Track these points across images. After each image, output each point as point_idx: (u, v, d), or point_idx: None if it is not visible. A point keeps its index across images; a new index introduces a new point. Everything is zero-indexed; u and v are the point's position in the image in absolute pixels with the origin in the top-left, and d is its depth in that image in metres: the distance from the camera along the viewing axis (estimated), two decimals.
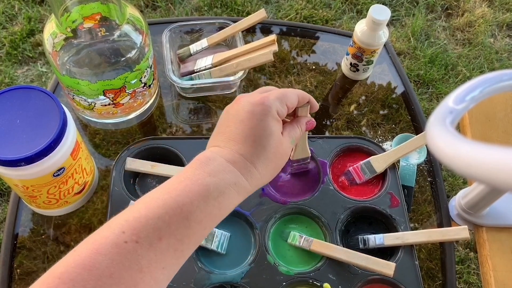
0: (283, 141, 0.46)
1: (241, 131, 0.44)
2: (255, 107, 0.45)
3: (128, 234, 0.35)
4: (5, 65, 1.49)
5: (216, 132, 0.46)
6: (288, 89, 0.49)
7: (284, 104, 0.47)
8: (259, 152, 0.43)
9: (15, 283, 0.60)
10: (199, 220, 0.38)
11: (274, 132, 0.45)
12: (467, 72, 1.61)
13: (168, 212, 0.37)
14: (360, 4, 1.73)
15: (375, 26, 0.70)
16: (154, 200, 0.38)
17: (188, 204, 0.38)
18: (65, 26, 0.58)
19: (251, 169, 0.43)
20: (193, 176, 0.40)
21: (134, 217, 0.37)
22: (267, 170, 0.45)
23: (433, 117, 0.34)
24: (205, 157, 0.42)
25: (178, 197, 0.38)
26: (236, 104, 0.46)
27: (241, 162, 0.43)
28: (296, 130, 0.50)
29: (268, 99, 0.45)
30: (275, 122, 0.45)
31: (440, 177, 0.71)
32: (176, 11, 1.65)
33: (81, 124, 0.73)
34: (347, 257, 0.58)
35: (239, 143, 0.43)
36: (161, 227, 0.36)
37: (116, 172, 0.63)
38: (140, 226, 0.36)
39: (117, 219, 0.37)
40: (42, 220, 0.64)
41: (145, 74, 0.65)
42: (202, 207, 0.39)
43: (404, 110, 0.79)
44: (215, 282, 0.56)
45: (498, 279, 0.61)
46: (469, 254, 1.28)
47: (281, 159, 0.46)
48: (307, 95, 0.51)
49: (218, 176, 0.41)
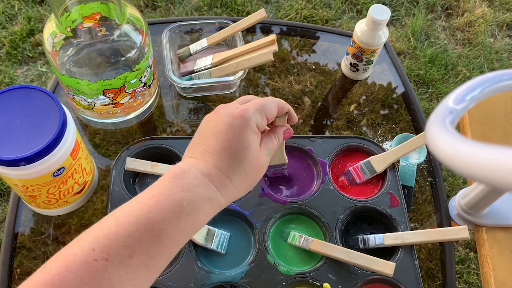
0: (260, 154, 0.45)
1: (218, 144, 0.43)
2: (233, 120, 0.44)
3: (98, 251, 0.35)
4: (5, 65, 1.49)
5: (193, 141, 0.46)
6: (268, 99, 0.48)
7: (264, 116, 0.46)
8: (235, 166, 0.43)
9: (15, 283, 0.60)
10: (171, 236, 0.38)
11: (251, 145, 0.44)
12: (467, 72, 1.61)
13: (139, 229, 0.36)
14: (360, 4, 1.73)
15: (375, 26, 0.70)
16: (125, 216, 0.37)
17: (160, 222, 0.37)
18: (65, 26, 0.58)
19: (226, 183, 0.42)
20: (166, 190, 0.39)
21: (104, 234, 0.36)
22: (243, 184, 0.44)
23: (433, 117, 0.34)
24: (179, 170, 0.41)
25: (149, 214, 0.37)
26: (216, 115, 0.46)
27: (216, 176, 0.42)
28: (273, 141, 0.49)
29: (248, 112, 0.45)
30: (253, 135, 0.45)
31: (440, 177, 0.71)
32: (176, 11, 1.65)
33: (81, 124, 0.73)
34: (347, 257, 0.58)
35: (215, 155, 0.43)
36: (132, 245, 0.36)
37: (116, 172, 0.63)
38: (110, 244, 0.35)
39: (87, 234, 0.37)
40: (42, 220, 0.64)
41: (145, 74, 0.65)
42: (174, 224, 0.38)
43: (404, 110, 0.79)
44: (215, 282, 0.56)
45: (498, 279, 0.61)
46: (469, 254, 1.28)
47: (258, 173, 0.46)
48: (286, 105, 0.51)
49: (192, 191, 0.40)
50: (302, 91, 0.79)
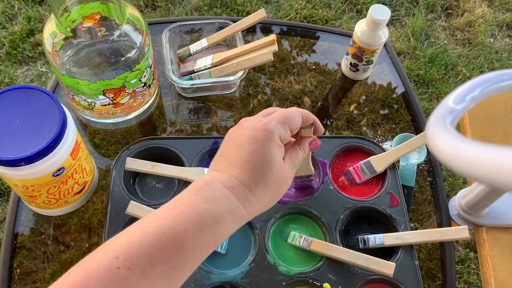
0: (283, 168, 0.45)
1: (241, 156, 0.43)
2: (257, 133, 0.44)
3: (121, 260, 0.35)
4: (5, 65, 1.49)
5: (218, 155, 0.46)
6: (291, 109, 0.48)
7: (287, 128, 0.46)
8: (258, 179, 0.43)
9: (15, 283, 0.60)
10: (193, 248, 0.38)
11: (275, 159, 0.44)
12: (467, 72, 1.61)
13: (162, 239, 0.37)
14: (360, 4, 1.73)
15: (375, 26, 0.70)
16: (149, 226, 0.38)
17: (182, 232, 0.37)
18: (65, 26, 0.58)
19: (249, 196, 0.42)
20: (189, 202, 0.40)
21: (128, 243, 0.36)
22: (266, 197, 0.44)
23: (433, 117, 0.34)
24: (203, 182, 0.41)
25: (172, 224, 0.38)
26: (239, 128, 0.46)
27: (239, 189, 0.42)
28: (298, 153, 0.49)
29: (271, 125, 0.44)
30: (276, 148, 0.44)
31: (440, 177, 0.71)
32: (176, 11, 1.65)
33: (81, 124, 0.73)
34: (347, 257, 0.58)
35: (238, 168, 0.43)
36: (155, 254, 0.36)
37: (116, 172, 0.63)
38: (134, 252, 0.36)
39: (112, 243, 0.37)
40: (42, 220, 0.64)
41: (145, 74, 0.65)
42: (197, 235, 0.38)
43: (404, 110, 0.79)
44: (215, 282, 0.56)
45: (498, 279, 0.61)
46: (469, 254, 1.28)
47: (281, 187, 0.45)
48: (311, 115, 0.50)
49: (214, 203, 0.40)
50: (302, 91, 0.79)
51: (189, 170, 0.64)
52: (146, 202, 0.61)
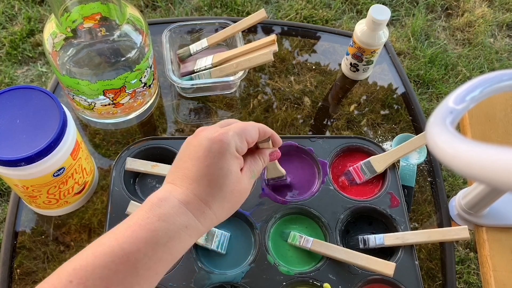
0: (241, 179, 0.45)
1: (197, 169, 0.43)
2: (213, 144, 0.43)
3: (75, 283, 0.35)
4: (5, 65, 1.49)
5: (174, 165, 0.45)
6: (249, 123, 0.48)
7: (244, 140, 0.46)
8: (214, 193, 0.42)
9: (15, 283, 0.60)
10: (148, 267, 0.38)
11: (231, 171, 0.44)
12: (467, 72, 1.61)
13: (115, 260, 0.36)
14: (360, 4, 1.73)
15: (375, 26, 0.70)
16: (102, 247, 0.37)
17: (135, 252, 0.37)
18: (65, 26, 0.58)
19: (205, 210, 0.42)
20: (142, 220, 0.39)
21: (81, 265, 0.36)
22: (223, 210, 0.44)
23: (433, 117, 0.34)
24: (157, 199, 0.41)
25: (124, 244, 0.37)
26: (195, 138, 0.45)
27: (195, 203, 0.42)
28: (257, 163, 0.49)
29: (227, 136, 0.44)
30: (233, 160, 0.44)
31: (440, 177, 0.71)
32: (176, 11, 1.65)
33: (81, 124, 0.73)
34: (347, 257, 0.58)
35: (194, 182, 0.42)
36: (108, 276, 0.36)
37: (116, 172, 0.63)
38: (87, 275, 0.35)
39: (67, 266, 0.37)
40: (42, 220, 0.64)
41: (145, 74, 0.65)
42: (150, 254, 0.38)
43: (404, 110, 0.79)
44: (215, 282, 0.56)
45: (498, 279, 0.61)
46: (469, 254, 1.28)
47: (239, 198, 0.45)
48: (269, 130, 0.50)
49: (168, 221, 0.40)
50: (302, 91, 0.79)
51: None
52: None
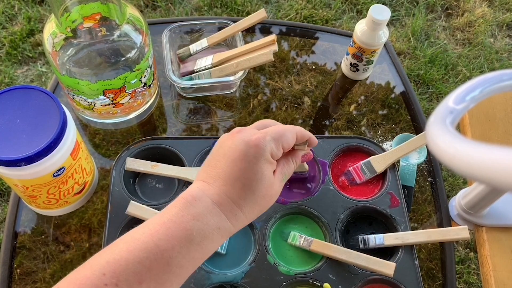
0: (273, 183, 0.45)
1: (231, 171, 0.43)
2: (249, 148, 0.43)
3: (108, 276, 0.35)
4: (5, 65, 1.49)
5: (207, 163, 0.45)
6: (287, 127, 0.47)
7: (280, 146, 0.46)
8: (247, 196, 0.43)
9: (15, 283, 0.60)
10: (181, 265, 0.38)
11: (265, 176, 0.44)
12: (467, 72, 1.61)
13: (149, 256, 0.37)
14: (360, 4, 1.73)
15: (375, 26, 0.70)
16: (136, 242, 0.38)
17: (169, 250, 0.38)
18: (65, 26, 0.58)
19: (237, 212, 0.42)
20: (176, 218, 0.40)
21: (115, 259, 0.36)
22: (253, 212, 0.44)
23: (433, 117, 0.34)
24: (191, 197, 0.41)
25: (159, 241, 0.38)
26: (231, 139, 0.45)
27: (227, 205, 0.42)
28: (290, 165, 0.49)
29: (264, 141, 0.44)
30: (267, 166, 0.44)
31: (440, 177, 0.71)
32: (176, 11, 1.65)
33: (81, 124, 0.73)
34: (347, 257, 0.58)
35: (228, 184, 0.43)
36: (141, 271, 0.36)
37: (116, 172, 0.63)
38: (120, 269, 0.36)
39: (99, 258, 0.37)
40: (42, 220, 0.64)
41: (145, 74, 0.65)
42: (184, 253, 0.38)
43: (404, 110, 0.79)
44: (215, 282, 0.56)
45: (498, 279, 0.61)
46: (469, 254, 1.28)
47: (269, 201, 0.46)
48: (306, 133, 0.50)
49: (202, 220, 0.40)
50: (302, 91, 0.79)
51: (189, 170, 0.64)
52: (146, 202, 0.61)
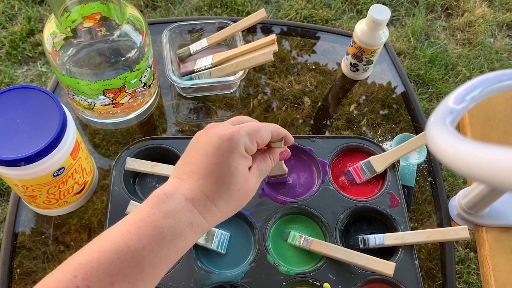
0: (248, 178, 0.45)
1: (205, 166, 0.43)
2: (222, 142, 0.43)
3: (80, 278, 0.35)
4: (5, 65, 1.49)
5: (182, 159, 0.45)
6: (262, 125, 0.47)
7: (254, 141, 0.45)
8: (221, 190, 0.43)
9: (15, 283, 0.60)
10: (153, 264, 0.38)
11: (239, 170, 0.44)
12: (467, 72, 1.61)
13: (120, 257, 0.37)
14: (360, 4, 1.73)
15: (375, 26, 0.70)
16: (107, 243, 0.38)
17: (140, 249, 0.38)
18: (65, 26, 0.58)
19: (210, 207, 0.42)
20: (147, 217, 0.39)
21: (86, 261, 0.36)
22: (229, 208, 0.44)
23: (433, 117, 0.34)
24: (163, 194, 0.41)
25: (130, 241, 0.38)
26: (205, 134, 0.45)
27: (201, 200, 0.42)
28: (267, 162, 0.49)
29: (238, 135, 0.44)
30: (241, 159, 0.44)
31: (440, 177, 0.71)
32: (176, 11, 1.65)
33: (81, 124, 0.73)
34: (347, 257, 0.58)
35: (201, 178, 0.42)
36: (113, 272, 0.36)
37: (116, 172, 0.63)
38: (92, 271, 0.36)
39: (72, 260, 0.37)
40: (42, 220, 0.64)
41: (145, 74, 0.65)
42: (156, 251, 0.38)
43: (404, 110, 0.79)
44: (215, 282, 0.56)
45: (498, 279, 0.61)
46: (469, 254, 1.28)
47: (245, 196, 0.45)
48: (283, 131, 0.50)
49: (174, 218, 0.40)
50: (302, 91, 0.79)
51: None
52: None
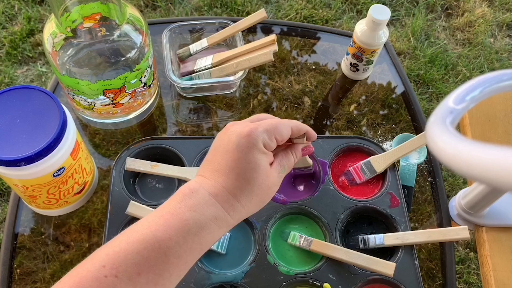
0: (270, 173, 0.45)
1: (226, 163, 0.44)
2: (241, 139, 0.44)
3: (108, 268, 0.36)
4: (5, 65, 1.49)
5: (206, 159, 0.46)
6: (281, 121, 0.48)
7: (273, 137, 0.46)
8: (242, 186, 0.43)
9: (15, 283, 0.60)
10: (178, 255, 0.39)
11: (259, 165, 0.44)
12: (467, 72, 1.61)
13: (147, 247, 0.38)
14: (360, 4, 1.73)
15: (375, 26, 0.70)
16: (135, 234, 0.39)
17: (166, 240, 0.38)
18: (65, 26, 0.58)
19: (233, 203, 0.43)
20: (174, 210, 0.40)
21: (114, 251, 0.37)
22: (251, 203, 0.44)
23: (433, 117, 0.34)
24: (188, 189, 0.42)
25: (157, 232, 0.38)
26: (225, 133, 0.46)
27: (224, 196, 0.43)
28: (289, 158, 0.49)
29: (256, 131, 0.45)
30: (261, 155, 0.44)
31: (440, 177, 0.71)
32: (176, 11, 1.65)
33: (81, 124, 0.73)
34: (347, 257, 0.58)
35: (223, 175, 0.43)
36: (140, 262, 0.37)
37: (116, 172, 0.63)
38: (119, 261, 0.36)
39: (100, 252, 0.38)
40: (42, 220, 0.64)
41: (145, 74, 0.65)
42: (181, 243, 0.39)
43: (404, 110, 0.79)
44: (215, 282, 0.56)
45: (498, 279, 0.61)
46: (469, 254, 1.28)
47: (268, 191, 0.46)
48: (304, 127, 0.50)
49: (199, 211, 0.41)
50: (302, 91, 0.79)
51: (189, 170, 0.64)
52: (146, 202, 0.61)
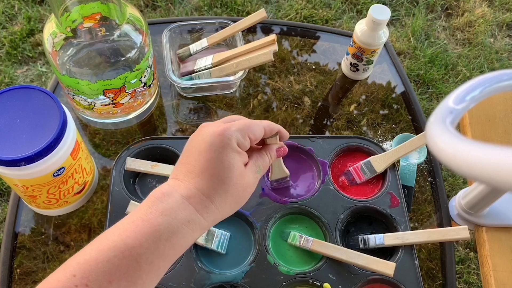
0: (244, 173, 0.45)
1: (200, 163, 0.43)
2: (214, 138, 0.44)
3: (79, 277, 0.35)
4: (5, 65, 1.49)
5: (179, 161, 0.46)
6: (254, 121, 0.48)
7: (246, 136, 0.46)
8: (216, 186, 0.43)
9: (15, 283, 0.60)
10: (150, 261, 0.38)
11: (233, 164, 0.44)
12: (467, 72, 1.61)
13: (117, 255, 0.37)
14: (360, 4, 1.73)
15: (375, 26, 0.70)
16: (105, 242, 0.38)
17: (137, 247, 0.38)
18: (65, 26, 0.58)
19: (207, 204, 0.42)
20: (145, 215, 0.40)
21: (85, 260, 0.37)
22: (226, 204, 0.43)
23: (433, 117, 0.34)
24: (160, 193, 0.41)
25: (127, 239, 0.38)
26: (198, 133, 0.46)
27: (197, 198, 0.42)
28: (264, 158, 0.49)
29: (229, 130, 0.44)
30: (235, 155, 0.44)
31: (440, 177, 0.71)
32: (176, 11, 1.65)
33: (81, 124, 0.73)
34: (347, 257, 0.58)
35: (197, 176, 0.43)
36: (111, 270, 0.36)
37: (116, 172, 0.63)
38: (90, 270, 0.36)
39: (71, 261, 0.37)
40: (42, 220, 0.64)
41: (145, 74, 0.65)
42: (153, 249, 0.38)
43: (404, 110, 0.79)
44: (215, 282, 0.56)
45: (498, 279, 0.61)
46: (469, 254, 1.28)
47: (243, 192, 0.45)
48: (276, 126, 0.50)
49: (170, 215, 0.40)
50: (302, 91, 0.79)
51: None
52: None
